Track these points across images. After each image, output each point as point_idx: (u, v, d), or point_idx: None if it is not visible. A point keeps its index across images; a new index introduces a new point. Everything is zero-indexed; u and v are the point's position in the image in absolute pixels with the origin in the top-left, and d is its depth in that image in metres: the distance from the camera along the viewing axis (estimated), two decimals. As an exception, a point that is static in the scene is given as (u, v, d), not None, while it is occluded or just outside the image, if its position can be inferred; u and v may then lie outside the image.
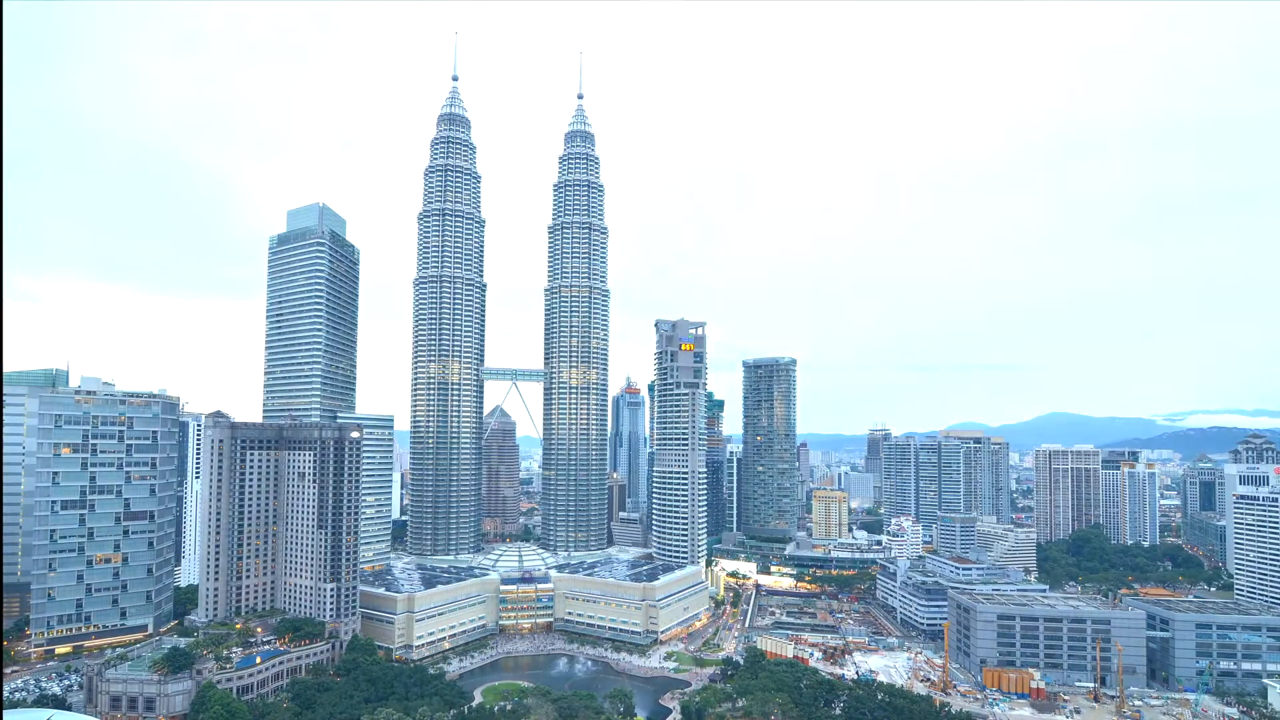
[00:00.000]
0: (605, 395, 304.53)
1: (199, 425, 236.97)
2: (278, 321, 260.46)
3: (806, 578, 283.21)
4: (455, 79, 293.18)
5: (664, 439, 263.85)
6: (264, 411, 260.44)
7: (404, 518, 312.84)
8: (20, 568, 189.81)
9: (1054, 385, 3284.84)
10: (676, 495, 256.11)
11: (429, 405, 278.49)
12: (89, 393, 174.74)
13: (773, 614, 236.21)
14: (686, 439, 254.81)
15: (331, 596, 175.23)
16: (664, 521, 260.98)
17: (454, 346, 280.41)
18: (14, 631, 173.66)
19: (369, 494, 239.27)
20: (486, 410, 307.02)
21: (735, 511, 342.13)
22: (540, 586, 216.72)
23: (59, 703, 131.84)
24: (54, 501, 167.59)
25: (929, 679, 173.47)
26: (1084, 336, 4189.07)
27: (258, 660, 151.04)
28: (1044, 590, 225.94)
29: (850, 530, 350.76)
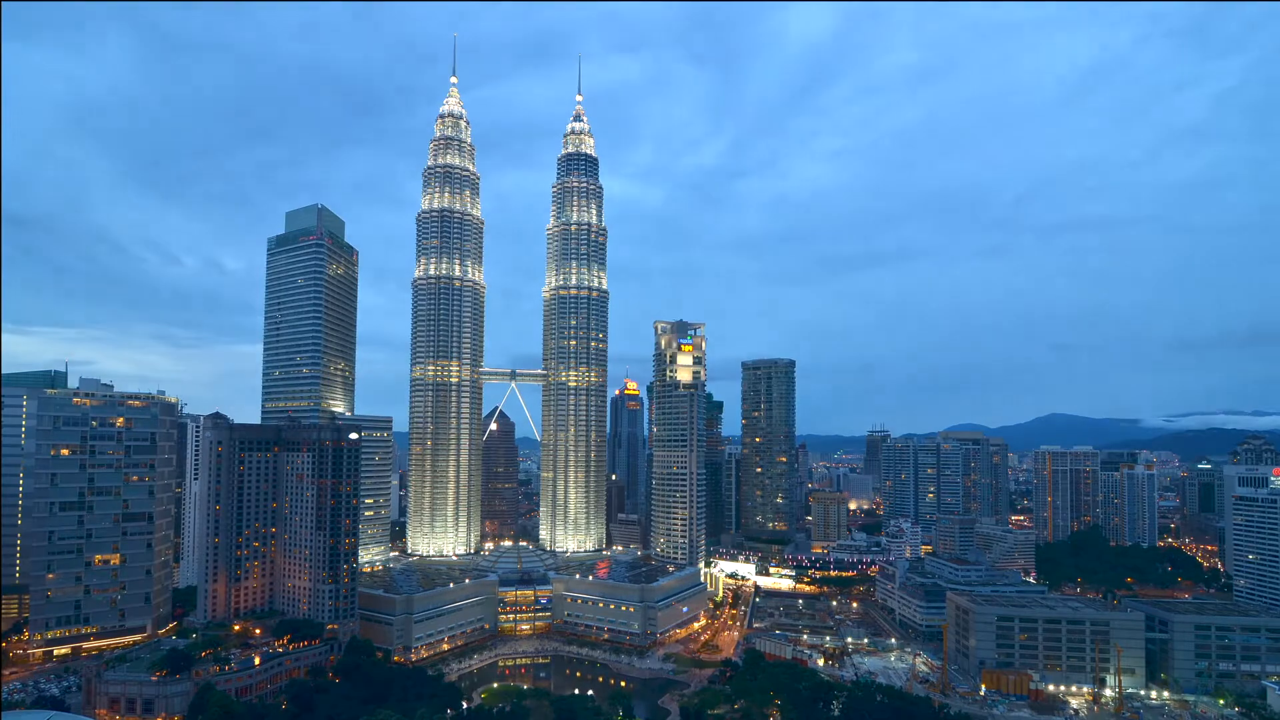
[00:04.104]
0: (605, 396, 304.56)
1: (198, 427, 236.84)
2: (276, 323, 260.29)
3: (805, 579, 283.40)
4: (455, 78, 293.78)
5: (663, 440, 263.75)
6: (262, 413, 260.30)
7: (403, 519, 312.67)
8: (19, 569, 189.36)
9: (1052, 387, 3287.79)
10: (675, 496, 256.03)
11: (428, 406, 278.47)
12: (87, 394, 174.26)
13: (771, 615, 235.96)
14: (685, 440, 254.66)
15: (330, 598, 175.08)
16: (663, 523, 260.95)
17: (453, 347, 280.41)
18: (12, 633, 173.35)
19: (368, 495, 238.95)
20: (485, 411, 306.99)
21: (734, 513, 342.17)
22: (539, 588, 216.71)
23: (58, 704, 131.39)
24: (52, 503, 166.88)
25: (928, 680, 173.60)
26: (1083, 338, 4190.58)
27: (256, 662, 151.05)
28: (1043, 591, 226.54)
29: (849, 531, 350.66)
